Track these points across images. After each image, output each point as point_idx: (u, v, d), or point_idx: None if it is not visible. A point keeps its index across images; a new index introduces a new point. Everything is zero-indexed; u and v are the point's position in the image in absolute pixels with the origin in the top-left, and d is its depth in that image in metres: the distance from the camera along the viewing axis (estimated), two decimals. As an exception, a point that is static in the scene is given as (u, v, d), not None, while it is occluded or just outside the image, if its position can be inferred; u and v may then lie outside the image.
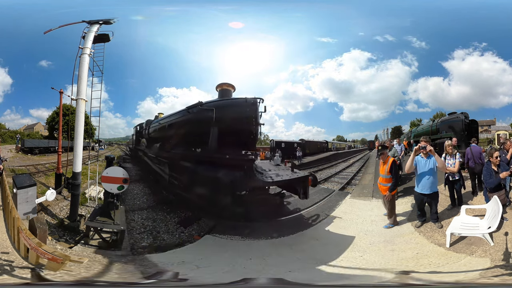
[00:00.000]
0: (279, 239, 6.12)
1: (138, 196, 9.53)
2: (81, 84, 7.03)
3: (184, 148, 8.56)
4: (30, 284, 4.22)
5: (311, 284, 4.51)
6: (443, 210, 6.81)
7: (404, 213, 7.15)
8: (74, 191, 6.95)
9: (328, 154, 17.47)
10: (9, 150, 11.28)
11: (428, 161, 6.10)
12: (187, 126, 8.58)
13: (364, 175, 13.22)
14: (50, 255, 4.30)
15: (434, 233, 5.91)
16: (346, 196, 9.43)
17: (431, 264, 4.77)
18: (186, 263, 5.28)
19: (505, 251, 4.75)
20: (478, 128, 10.97)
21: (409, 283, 4.45)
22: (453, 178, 6.88)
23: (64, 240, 6.15)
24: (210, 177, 6.54)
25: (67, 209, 7.27)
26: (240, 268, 4.98)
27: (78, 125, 6.90)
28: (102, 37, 7.89)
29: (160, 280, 4.69)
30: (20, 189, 6.27)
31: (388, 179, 6.47)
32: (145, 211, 8.14)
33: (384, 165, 6.59)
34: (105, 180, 6.34)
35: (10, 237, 5.54)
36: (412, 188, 6.57)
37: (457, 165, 6.85)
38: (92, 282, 4.48)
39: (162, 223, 7.40)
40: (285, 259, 5.30)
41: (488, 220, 5.31)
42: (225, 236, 6.32)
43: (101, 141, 13.47)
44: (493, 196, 5.63)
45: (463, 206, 6.25)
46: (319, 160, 15.63)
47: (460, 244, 5.25)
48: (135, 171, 13.10)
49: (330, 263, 5.10)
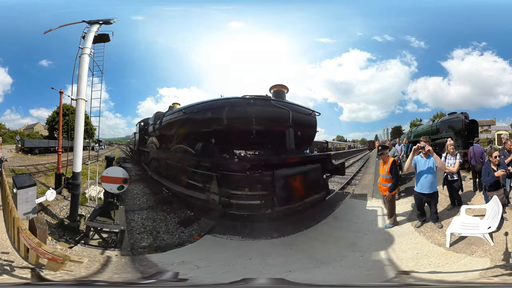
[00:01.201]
0: (279, 239, 6.12)
1: (138, 196, 9.53)
2: (81, 84, 7.03)
3: (249, 150, 7.48)
4: (30, 284, 4.22)
5: (311, 284, 4.50)
6: (443, 210, 6.81)
7: (404, 213, 7.15)
8: (74, 191, 6.95)
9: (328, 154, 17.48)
10: (9, 150, 11.29)
11: (427, 161, 6.11)
12: (251, 122, 7.07)
13: (364, 175, 13.22)
14: (50, 255, 4.30)
15: (434, 233, 5.91)
16: (346, 196, 9.44)
17: (431, 264, 4.77)
18: (186, 263, 5.28)
19: (505, 251, 4.75)
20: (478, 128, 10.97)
21: (409, 283, 4.45)
22: (452, 178, 6.91)
23: (64, 240, 6.15)
24: (312, 177, 6.89)
25: (67, 209, 7.27)
26: (240, 268, 4.98)
27: (78, 125, 6.89)
28: (102, 37, 7.89)
29: (160, 280, 4.68)
30: (20, 189, 6.26)
31: (388, 179, 6.47)
32: (145, 211, 8.14)
33: (384, 165, 6.60)
34: (105, 180, 6.35)
35: (10, 237, 5.54)
36: (413, 188, 6.58)
37: (457, 165, 6.88)
38: (92, 282, 4.49)
39: (162, 223, 7.40)
40: (285, 259, 5.29)
41: (488, 220, 5.31)
42: (225, 236, 6.32)
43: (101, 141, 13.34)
44: (493, 196, 5.64)
45: (463, 206, 6.25)
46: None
47: (460, 244, 5.25)
48: (135, 171, 13.07)
49: (330, 263, 5.10)
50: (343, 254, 5.41)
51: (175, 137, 8.83)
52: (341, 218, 7.34)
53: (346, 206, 8.31)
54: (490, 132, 13.13)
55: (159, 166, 9.40)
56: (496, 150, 6.28)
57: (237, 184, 6.30)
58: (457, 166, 6.87)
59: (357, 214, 7.54)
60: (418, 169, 6.20)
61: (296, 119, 7.51)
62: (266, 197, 6.24)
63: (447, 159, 7.02)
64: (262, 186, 6.21)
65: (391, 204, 6.52)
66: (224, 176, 6.40)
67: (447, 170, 6.84)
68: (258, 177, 6.23)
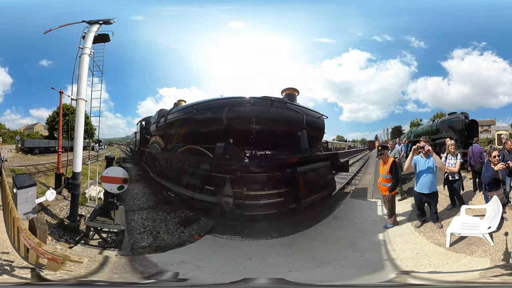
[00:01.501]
0: (279, 239, 6.12)
1: (138, 196, 9.53)
2: (81, 84, 7.02)
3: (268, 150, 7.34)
4: (30, 284, 4.22)
5: (311, 284, 4.50)
6: (443, 210, 6.81)
7: (404, 213, 7.16)
8: (74, 191, 6.95)
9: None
10: (9, 150, 11.29)
11: (427, 160, 6.11)
12: (268, 123, 7.12)
13: (364, 175, 13.22)
14: (50, 255, 4.30)
15: (434, 233, 5.91)
16: (346, 196, 9.44)
17: (431, 264, 4.77)
18: (186, 263, 5.28)
19: (505, 251, 4.74)
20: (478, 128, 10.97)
21: (409, 283, 4.45)
22: (453, 178, 6.90)
23: (64, 240, 6.15)
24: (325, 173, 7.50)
25: (67, 209, 7.27)
26: (240, 268, 4.98)
27: (78, 125, 6.89)
28: (102, 37, 7.89)
29: (160, 280, 4.68)
30: (20, 189, 6.26)
31: (388, 179, 6.47)
32: (145, 211, 8.14)
33: (384, 166, 6.60)
34: (105, 180, 6.34)
35: (10, 237, 5.54)
36: (413, 188, 6.58)
37: (458, 165, 6.87)
38: (92, 282, 4.48)
39: (162, 223, 7.40)
40: (285, 259, 5.29)
41: (488, 220, 5.31)
42: (225, 236, 6.32)
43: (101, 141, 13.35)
44: (493, 196, 5.64)
45: (463, 206, 6.25)
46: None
47: (460, 244, 5.25)
48: (135, 171, 13.07)
49: (330, 263, 5.09)
50: (343, 254, 5.41)
51: (183, 136, 8.26)
52: (341, 218, 7.34)
53: (346, 206, 8.32)
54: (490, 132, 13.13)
55: (166, 168, 9.13)
56: (496, 150, 6.29)
57: (266, 183, 6.41)
58: (458, 166, 6.86)
59: (357, 214, 7.54)
60: (418, 169, 6.20)
61: (308, 122, 7.88)
62: (289, 193, 6.50)
63: (448, 159, 7.01)
64: (288, 182, 6.46)
65: (391, 204, 6.52)
66: (250, 177, 6.33)
67: (448, 170, 6.84)
68: (287, 174, 6.41)
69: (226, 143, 6.83)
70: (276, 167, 6.45)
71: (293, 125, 7.55)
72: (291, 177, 6.39)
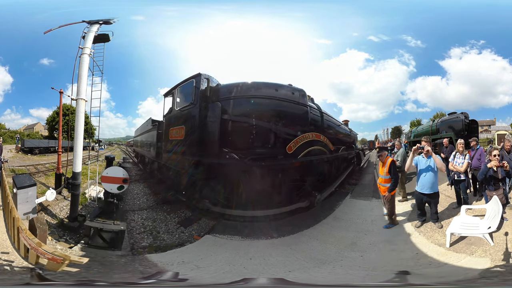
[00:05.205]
0: (279, 239, 6.12)
1: (138, 196, 9.52)
2: (81, 84, 7.02)
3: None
4: (30, 284, 4.22)
5: (311, 284, 4.50)
6: (443, 210, 6.81)
7: (404, 213, 7.15)
8: (74, 191, 6.95)
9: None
10: (9, 150, 11.29)
11: (428, 160, 6.11)
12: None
13: (364, 175, 13.21)
14: (50, 255, 4.30)
15: (434, 233, 5.91)
16: (346, 196, 9.43)
17: (431, 264, 4.77)
18: (186, 263, 5.28)
19: (505, 251, 4.75)
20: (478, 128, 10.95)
21: (409, 283, 4.45)
22: (459, 177, 6.82)
23: (64, 240, 6.15)
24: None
25: (67, 209, 7.26)
26: (240, 268, 4.98)
27: (78, 125, 6.89)
28: (102, 37, 7.87)
29: (160, 280, 4.68)
30: (20, 189, 6.26)
31: (387, 180, 6.46)
32: (145, 211, 8.13)
33: (383, 167, 6.60)
34: (105, 180, 6.35)
35: (10, 237, 5.55)
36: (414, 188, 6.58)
37: (465, 165, 6.76)
38: (92, 282, 4.48)
39: (162, 223, 7.39)
40: (285, 259, 5.29)
41: (488, 220, 5.31)
42: (225, 236, 6.32)
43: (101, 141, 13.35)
44: (493, 196, 5.64)
45: (463, 206, 6.25)
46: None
47: (460, 244, 5.25)
48: (135, 171, 13.07)
49: (330, 263, 5.10)
50: (343, 254, 5.41)
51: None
52: (341, 218, 7.34)
53: (346, 206, 8.30)
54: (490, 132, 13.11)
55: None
56: (496, 149, 6.28)
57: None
58: (465, 166, 6.74)
59: (357, 214, 7.53)
60: (419, 169, 6.20)
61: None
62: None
63: (455, 158, 6.89)
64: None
65: (390, 204, 6.51)
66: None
67: (454, 170, 6.79)
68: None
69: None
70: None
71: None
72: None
